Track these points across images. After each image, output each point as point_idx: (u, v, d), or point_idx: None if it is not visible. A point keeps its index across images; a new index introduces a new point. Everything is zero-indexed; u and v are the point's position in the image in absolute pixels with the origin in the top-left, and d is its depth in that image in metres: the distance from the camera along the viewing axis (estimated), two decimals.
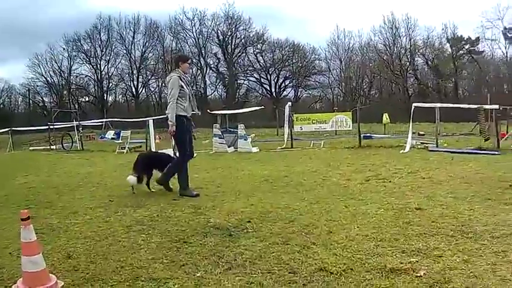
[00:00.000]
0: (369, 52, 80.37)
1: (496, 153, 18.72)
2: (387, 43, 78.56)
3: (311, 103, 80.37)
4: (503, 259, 4.94)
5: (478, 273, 4.50)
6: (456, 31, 76.67)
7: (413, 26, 77.17)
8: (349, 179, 10.82)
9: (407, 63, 77.96)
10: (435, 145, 21.20)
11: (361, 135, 23.55)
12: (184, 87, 9.33)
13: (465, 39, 75.13)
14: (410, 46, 77.45)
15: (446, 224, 6.31)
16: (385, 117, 41.33)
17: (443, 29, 77.05)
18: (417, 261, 4.83)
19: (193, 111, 9.71)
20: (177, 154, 9.89)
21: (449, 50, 76.81)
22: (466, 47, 75.95)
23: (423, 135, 27.16)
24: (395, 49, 78.14)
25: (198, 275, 4.65)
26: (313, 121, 35.36)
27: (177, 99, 9.16)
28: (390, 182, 10.32)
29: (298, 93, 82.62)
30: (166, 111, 9.38)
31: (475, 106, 24.73)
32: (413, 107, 22.54)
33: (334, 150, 20.98)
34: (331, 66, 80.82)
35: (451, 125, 38.65)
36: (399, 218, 6.75)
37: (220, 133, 22.24)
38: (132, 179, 9.69)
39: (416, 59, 79.05)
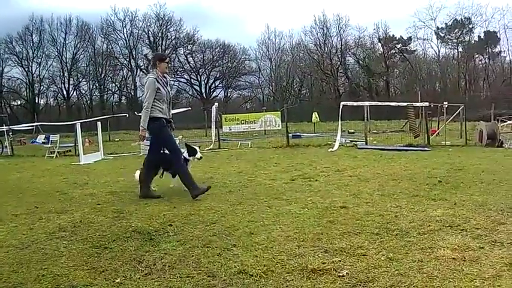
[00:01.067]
0: (299, 52, 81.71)
1: (426, 149, 19.20)
2: (318, 43, 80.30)
3: (241, 103, 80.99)
4: (429, 256, 4.96)
5: (404, 271, 4.48)
6: (388, 31, 79.14)
7: (344, 26, 79.19)
8: (274, 179, 10.80)
9: (338, 63, 79.46)
10: (364, 143, 21.54)
11: (290, 135, 23.72)
12: (161, 89, 9.00)
13: (397, 38, 77.43)
14: (341, 46, 79.07)
15: (371, 222, 6.32)
16: (315, 116, 41.90)
17: (375, 29, 79.50)
18: (340, 261, 4.77)
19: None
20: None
21: (381, 49, 78.80)
22: (398, 46, 78.10)
23: (353, 133, 27.69)
24: (326, 49, 79.86)
25: (117, 280, 4.52)
26: (242, 121, 35.55)
27: (154, 101, 8.91)
28: (316, 180, 10.34)
29: (229, 94, 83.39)
30: (141, 114, 9.23)
31: (405, 104, 25.26)
32: (341, 106, 22.86)
33: (262, 150, 21.13)
34: (261, 67, 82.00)
35: (382, 122, 39.45)
36: (323, 217, 6.70)
37: (148, 135, 21.86)
38: (138, 174, 9.77)
39: (347, 58, 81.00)
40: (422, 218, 6.54)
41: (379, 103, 30.65)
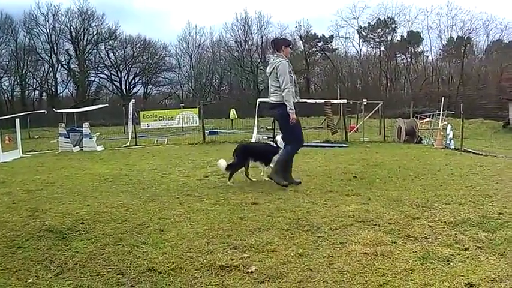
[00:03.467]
0: (220, 49, 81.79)
1: (344, 145, 19.58)
2: (239, 40, 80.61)
3: (161, 100, 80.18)
4: (340, 251, 5.02)
5: (313, 267, 4.52)
6: (310, 29, 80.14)
7: (266, 23, 79.98)
8: (188, 176, 10.75)
9: (259, 60, 79.86)
10: None
11: (207, 131, 23.74)
12: (292, 73, 9.26)
13: (319, 37, 78.54)
14: (262, 43, 79.39)
15: (282, 218, 6.35)
16: (233, 113, 42.14)
17: (296, 27, 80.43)
18: (249, 257, 4.77)
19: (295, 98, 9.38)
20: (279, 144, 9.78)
21: (302, 47, 79.57)
22: (320, 44, 79.12)
23: (271, 129, 27.76)
24: (246, 46, 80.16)
25: (30, 280, 4.41)
26: (160, 118, 35.30)
27: None
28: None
29: (148, 90, 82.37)
30: (273, 99, 9.33)
31: (323, 101, 25.63)
32: (258, 102, 23.01)
33: (178, 146, 21.09)
34: (181, 63, 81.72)
35: (301, 119, 39.73)
36: (234, 213, 6.70)
37: (65, 132, 21.60)
38: (222, 163, 9.55)
39: (268, 55, 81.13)
40: (335, 214, 6.62)
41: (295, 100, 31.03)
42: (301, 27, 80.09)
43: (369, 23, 79.76)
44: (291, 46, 9.69)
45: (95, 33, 77.94)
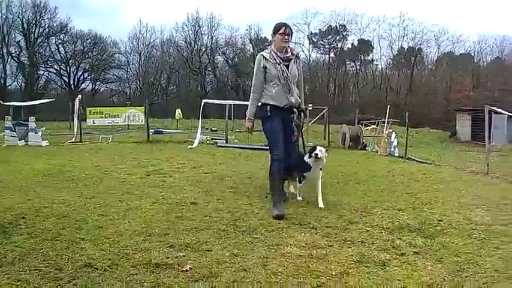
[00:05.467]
0: (169, 48, 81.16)
1: None
2: (188, 40, 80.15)
3: (109, 97, 79.18)
4: (275, 252, 5.05)
5: (248, 267, 4.55)
6: (260, 32, 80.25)
7: (216, 24, 79.79)
8: (130, 174, 10.64)
9: (207, 61, 79.76)
10: (225, 141, 21.69)
11: (152, 130, 23.63)
12: (272, 68, 7.33)
13: (268, 40, 78.15)
14: (212, 44, 79.37)
15: (219, 219, 6.38)
16: (178, 113, 41.96)
17: (247, 30, 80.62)
18: (184, 256, 4.78)
19: (290, 101, 7.45)
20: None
21: (251, 50, 79.69)
22: None
23: (216, 131, 27.85)
24: (196, 46, 79.88)
25: None
26: (106, 115, 34.82)
27: (265, 83, 7.43)
28: (171, 176, 10.32)
29: (97, 87, 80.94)
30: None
31: None
32: (203, 103, 23.00)
33: (122, 144, 20.84)
34: (130, 61, 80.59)
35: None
36: (172, 212, 6.70)
37: (11, 126, 21.11)
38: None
39: (216, 57, 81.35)
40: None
41: (241, 102, 30.96)
42: (252, 30, 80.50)
43: (320, 29, 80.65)
44: (281, 32, 7.38)
45: (46, 26, 75.90)
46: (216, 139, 22.78)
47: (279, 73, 7.28)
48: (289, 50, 7.56)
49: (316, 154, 7.65)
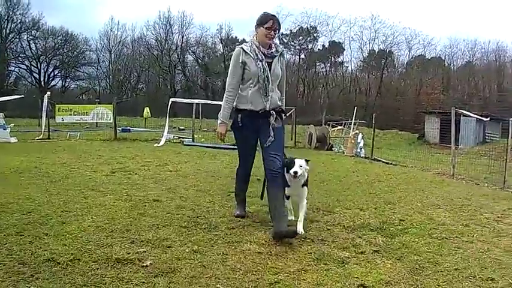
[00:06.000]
0: (140, 46, 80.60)
1: None
2: (159, 39, 79.69)
3: (79, 94, 78.33)
4: (235, 249, 5.12)
5: (207, 263, 4.61)
6: (231, 32, 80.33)
7: (188, 23, 79.38)
8: (95, 171, 10.62)
9: (177, 60, 79.32)
10: (191, 140, 21.70)
11: (119, 128, 23.54)
12: (252, 64, 6.17)
13: (239, 40, 78.27)
14: (182, 43, 78.98)
15: (181, 216, 6.43)
16: (146, 112, 41.84)
17: (217, 29, 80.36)
18: (145, 252, 4.82)
19: (267, 105, 6.29)
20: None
21: (222, 49, 79.67)
22: None
23: (183, 130, 27.78)
24: (166, 45, 79.35)
25: None
26: (75, 112, 34.66)
27: (241, 83, 6.36)
28: (136, 174, 10.35)
29: (67, 84, 79.96)
30: None
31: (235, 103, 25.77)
32: (170, 102, 22.97)
33: (90, 142, 20.70)
34: (100, 58, 79.69)
35: (215, 121, 39.82)
36: (135, 209, 6.73)
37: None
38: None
39: (186, 56, 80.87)
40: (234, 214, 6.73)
41: (208, 101, 30.97)
42: (223, 30, 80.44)
43: (291, 30, 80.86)
44: (268, 26, 6.18)
45: (18, 21, 74.74)
46: (183, 138, 22.77)
47: (259, 71, 6.09)
48: (273, 45, 6.32)
49: (295, 172, 6.06)
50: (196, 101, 27.24)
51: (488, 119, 28.97)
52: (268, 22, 6.17)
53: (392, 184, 10.96)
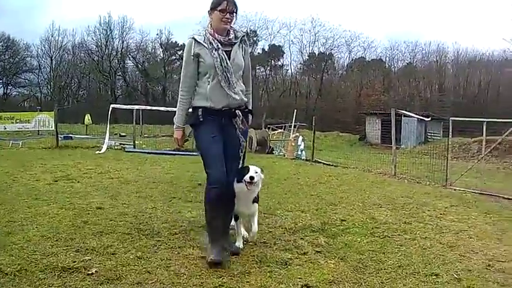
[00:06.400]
0: (80, 52, 79.02)
1: (194, 154, 19.64)
2: (100, 44, 78.11)
3: (20, 102, 76.35)
4: (178, 254, 5.17)
5: (151, 269, 4.64)
6: (171, 37, 79.47)
7: (128, 29, 78.08)
8: (38, 180, 10.41)
9: (118, 66, 78.31)
10: (133, 146, 21.57)
11: (61, 136, 23.19)
12: (206, 55, 5.25)
13: (179, 45, 77.71)
14: (123, 49, 77.95)
15: (124, 223, 6.41)
16: (87, 118, 41.30)
17: (157, 34, 79.35)
18: (90, 259, 4.81)
19: (231, 100, 5.33)
20: None
21: (162, 54, 79.01)
22: (180, 52, 78.59)
23: (124, 136, 27.57)
24: (107, 50, 77.99)
25: None
26: (17, 120, 33.93)
27: (198, 78, 5.39)
28: (78, 182, 10.21)
29: (8, 91, 77.70)
30: None
31: (175, 109, 25.70)
32: (111, 108, 22.81)
33: (32, 150, 20.33)
34: (42, 64, 77.65)
35: (156, 127, 39.55)
36: (78, 217, 6.66)
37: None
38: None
39: (127, 61, 79.87)
40: (176, 219, 6.78)
41: (148, 107, 30.81)
42: (163, 35, 79.71)
43: None
44: (221, 9, 5.23)
45: None
46: (124, 144, 22.61)
47: (215, 62, 5.17)
48: (231, 31, 5.38)
49: (252, 178, 5.23)
50: (136, 107, 27.04)
51: (429, 118, 29.66)
52: (221, 4, 5.18)
53: (334, 185, 11.11)
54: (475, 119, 22.27)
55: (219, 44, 5.24)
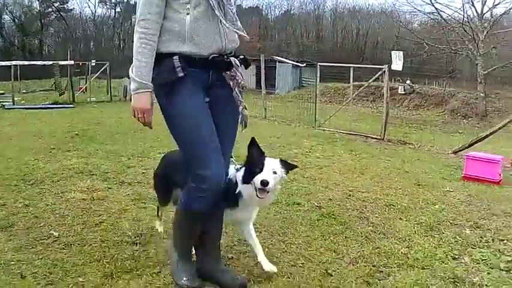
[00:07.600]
0: None
1: (71, 106, 19.46)
2: None
3: None
4: (61, 199, 5.37)
5: (39, 214, 4.78)
6: None
7: None
8: None
9: None
10: (12, 103, 20.90)
11: None
12: None
13: None
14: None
15: (10, 175, 6.38)
16: None
17: None
18: None
19: (227, 42, 3.14)
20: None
21: (38, 7, 74.72)
22: (56, 4, 74.25)
23: (3, 94, 26.42)
24: None
25: None
26: None
27: (166, 7, 2.91)
28: None
29: None
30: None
31: (50, 63, 24.93)
32: None
33: None
34: None
35: (34, 82, 37.94)
36: None
37: None
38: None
39: (4, 16, 75.02)
40: (57, 168, 6.90)
41: (28, 62, 29.61)
42: None
43: None
44: None
45: None
46: (3, 102, 21.78)
47: None
48: None
49: (265, 183, 3.21)
50: (14, 62, 25.99)
51: (304, 64, 30.16)
52: None
53: None
54: (341, 65, 23.07)
55: None
